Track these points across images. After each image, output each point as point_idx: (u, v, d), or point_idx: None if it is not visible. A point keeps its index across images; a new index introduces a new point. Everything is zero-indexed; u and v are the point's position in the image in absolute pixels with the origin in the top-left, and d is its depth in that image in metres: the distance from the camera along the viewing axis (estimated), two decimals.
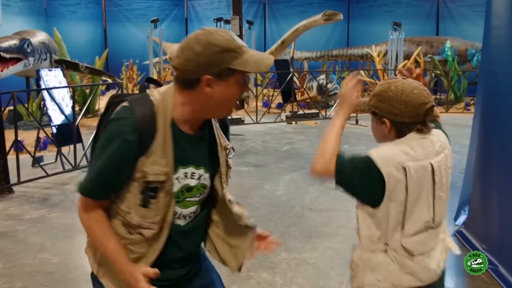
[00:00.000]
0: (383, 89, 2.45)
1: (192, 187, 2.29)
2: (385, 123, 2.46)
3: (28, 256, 5.36)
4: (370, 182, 2.39)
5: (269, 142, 11.32)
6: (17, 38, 12.12)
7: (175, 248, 2.32)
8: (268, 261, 5.14)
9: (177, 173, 2.22)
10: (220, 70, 2.11)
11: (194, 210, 2.35)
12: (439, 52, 17.85)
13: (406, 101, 2.39)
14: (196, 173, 2.28)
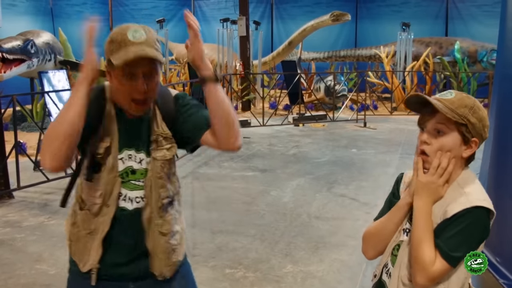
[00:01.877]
0: (477, 105, 2.07)
1: (135, 170, 2.39)
2: (472, 144, 2.08)
3: (25, 266, 5.19)
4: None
5: (275, 146, 11.14)
6: (20, 39, 11.98)
7: (122, 233, 2.40)
8: (273, 274, 4.97)
9: (122, 154, 2.36)
10: (107, 60, 2.27)
11: (141, 195, 2.39)
12: (448, 53, 17.62)
13: (487, 127, 2.11)
14: (137, 156, 2.39)
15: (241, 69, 15.54)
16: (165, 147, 2.41)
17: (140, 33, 2.23)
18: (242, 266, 5.11)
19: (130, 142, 2.38)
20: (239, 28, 15.57)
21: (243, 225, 6.29)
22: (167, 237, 2.46)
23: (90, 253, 2.41)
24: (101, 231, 2.37)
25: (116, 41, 2.23)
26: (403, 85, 16.55)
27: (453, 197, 2.06)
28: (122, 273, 2.44)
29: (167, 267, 2.48)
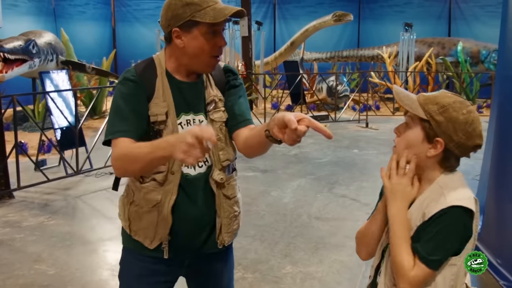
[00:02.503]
0: (454, 107, 2.02)
1: None
2: (437, 144, 2.04)
3: (23, 267, 5.17)
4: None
5: (277, 146, 11.02)
6: (22, 39, 11.97)
7: (188, 200, 2.40)
8: (272, 275, 4.94)
9: (180, 119, 2.40)
10: (184, 23, 2.30)
11: (204, 159, 2.42)
12: (451, 53, 17.61)
13: (469, 133, 2.02)
14: (196, 119, 2.43)
15: (243, 70, 15.52)
16: (221, 109, 2.47)
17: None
18: (241, 267, 5.08)
19: (186, 106, 2.42)
20: (241, 28, 15.55)
21: (243, 225, 6.15)
22: (231, 201, 2.51)
23: (157, 228, 2.41)
24: (169, 200, 2.38)
25: (195, 3, 2.28)
26: (405, 85, 16.52)
27: (432, 198, 2.03)
28: (185, 248, 2.46)
29: (227, 233, 2.52)
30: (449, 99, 2.04)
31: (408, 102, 2.08)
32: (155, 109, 2.35)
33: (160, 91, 2.37)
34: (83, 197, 7.43)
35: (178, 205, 2.39)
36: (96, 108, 14.10)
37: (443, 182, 2.06)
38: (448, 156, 2.05)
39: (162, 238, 2.41)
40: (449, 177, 2.07)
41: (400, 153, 2.09)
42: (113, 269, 5.03)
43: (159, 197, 2.39)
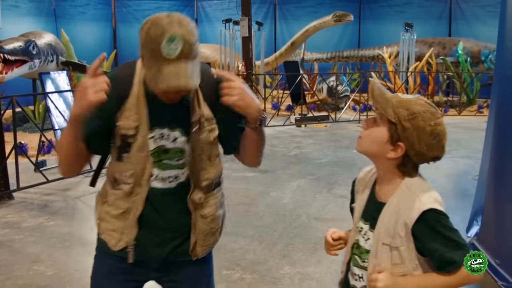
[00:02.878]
0: (423, 117, 2.05)
1: (168, 149, 2.34)
2: (397, 148, 2.07)
3: (22, 268, 5.18)
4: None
5: (277, 146, 11.10)
6: (22, 40, 11.98)
7: (155, 213, 2.38)
8: (270, 276, 4.95)
9: (153, 132, 2.31)
10: (141, 54, 2.17)
11: (174, 175, 2.37)
12: (452, 53, 17.59)
13: (431, 146, 2.06)
14: (170, 135, 2.33)
15: (243, 70, 15.52)
16: (207, 128, 2.37)
17: (176, 42, 2.07)
18: (239, 268, 5.09)
19: (163, 120, 2.32)
20: (241, 29, 15.55)
21: (242, 226, 6.27)
22: (207, 219, 2.46)
23: (123, 231, 2.39)
24: (134, 211, 2.36)
25: (149, 49, 2.09)
26: (406, 85, 16.50)
27: (405, 202, 2.07)
28: (149, 255, 2.43)
29: (202, 247, 2.48)
30: (420, 107, 2.07)
31: (381, 101, 2.10)
32: (125, 122, 2.28)
33: (133, 101, 2.29)
34: (83, 198, 7.43)
35: (145, 217, 2.37)
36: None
37: (410, 183, 2.11)
38: (405, 162, 2.10)
39: (127, 243, 2.40)
40: (414, 180, 2.12)
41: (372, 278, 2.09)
42: None
43: (127, 205, 2.37)
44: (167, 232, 2.41)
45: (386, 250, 2.08)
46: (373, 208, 2.18)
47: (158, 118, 2.31)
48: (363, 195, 2.27)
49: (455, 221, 6.48)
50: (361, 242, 2.22)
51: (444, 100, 17.25)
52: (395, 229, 2.06)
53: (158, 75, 2.06)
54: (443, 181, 8.20)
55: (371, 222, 2.18)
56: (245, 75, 15.43)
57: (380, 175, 2.19)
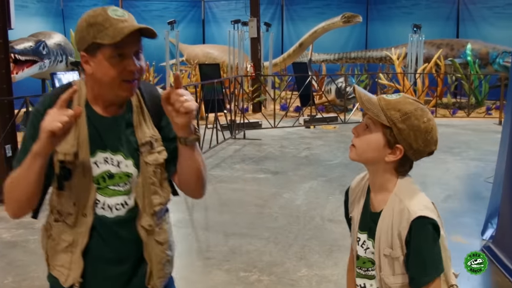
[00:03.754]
0: (416, 115, 2.05)
1: (113, 174, 2.20)
2: (396, 150, 2.08)
3: (38, 269, 5.16)
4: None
5: (287, 148, 11.10)
6: (32, 40, 12.02)
7: (103, 243, 2.22)
8: (288, 278, 4.94)
9: (95, 157, 2.17)
10: (88, 46, 2.07)
11: (121, 201, 2.22)
12: (460, 55, 17.55)
13: (428, 141, 2.07)
14: (114, 159, 2.19)
15: (252, 71, 15.52)
16: (157, 150, 2.24)
17: (121, 11, 2.08)
18: (256, 269, 5.08)
19: (105, 143, 2.19)
20: (250, 29, 15.55)
21: (256, 227, 6.27)
22: (164, 246, 2.32)
23: (71, 267, 2.23)
24: (80, 243, 2.20)
25: (98, 23, 2.04)
26: (414, 87, 16.49)
27: (397, 213, 2.08)
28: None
29: (160, 278, 2.33)
30: (410, 106, 2.07)
31: (370, 107, 2.09)
32: (63, 147, 2.11)
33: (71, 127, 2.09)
34: None
35: (92, 249, 2.21)
36: None
37: (398, 190, 2.11)
38: (404, 161, 2.11)
39: (74, 279, 2.22)
40: (402, 182, 2.13)
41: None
42: None
43: (71, 238, 2.21)
44: (116, 264, 2.26)
45: (388, 261, 2.10)
46: (369, 218, 2.19)
47: (100, 141, 2.19)
48: (360, 204, 2.26)
49: (469, 224, 6.50)
50: (360, 252, 2.23)
51: (452, 102, 17.22)
52: (393, 240, 2.08)
53: (118, 29, 2.02)
54: (455, 183, 8.19)
55: (368, 232, 2.19)
56: (254, 76, 15.44)
57: (372, 182, 2.19)
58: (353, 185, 2.34)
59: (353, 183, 2.35)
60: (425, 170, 8.92)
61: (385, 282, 2.12)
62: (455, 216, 6.51)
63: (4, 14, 7.27)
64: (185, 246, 5.60)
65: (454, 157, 10.03)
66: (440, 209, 2.17)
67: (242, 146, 10.97)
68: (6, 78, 7.25)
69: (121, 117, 2.22)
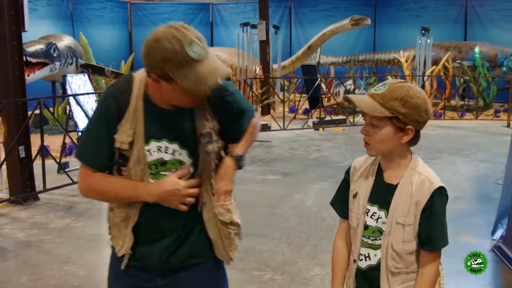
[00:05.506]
0: (410, 95, 2.22)
1: (166, 161, 2.36)
2: (408, 131, 2.26)
3: (53, 268, 5.24)
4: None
5: (296, 150, 11.14)
6: (43, 43, 12.11)
7: (153, 223, 2.40)
8: (300, 277, 4.99)
9: (149, 145, 2.33)
10: (162, 74, 2.15)
11: None
12: (468, 57, 17.55)
13: (428, 110, 2.28)
14: (169, 147, 2.35)
15: (261, 73, 15.57)
16: (215, 139, 2.39)
17: (197, 46, 2.13)
18: (269, 269, 5.13)
19: (160, 133, 2.34)
20: (259, 32, 15.60)
21: (269, 228, 6.31)
22: (231, 224, 2.46)
23: (124, 239, 2.42)
24: (132, 220, 2.39)
25: (176, 60, 2.10)
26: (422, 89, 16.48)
27: (417, 183, 2.28)
28: (151, 264, 2.44)
29: (232, 251, 2.51)
30: (402, 90, 2.24)
31: (372, 109, 2.25)
32: (120, 136, 2.31)
33: (129, 117, 2.32)
34: None
35: (142, 226, 2.40)
36: None
37: (415, 165, 2.32)
38: (416, 135, 2.30)
39: (125, 250, 2.42)
40: (418, 161, 2.35)
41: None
42: None
43: (125, 214, 2.41)
44: (169, 243, 2.41)
45: (400, 228, 2.27)
46: (384, 191, 2.34)
47: (155, 130, 2.34)
48: (368, 181, 2.40)
49: (479, 224, 6.54)
50: (369, 222, 2.38)
51: (460, 104, 17.22)
52: (409, 208, 2.26)
53: (200, 78, 2.11)
54: (465, 184, 8.20)
55: (380, 204, 2.35)
56: (263, 79, 15.49)
57: (389, 163, 2.35)
58: (357, 166, 2.48)
59: (357, 164, 2.49)
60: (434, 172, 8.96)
61: (394, 248, 2.29)
62: (465, 216, 6.53)
63: (19, 17, 7.34)
64: None
65: (463, 159, 10.04)
66: (450, 210, 2.29)
67: (252, 147, 10.87)
68: (20, 80, 7.33)
69: (181, 110, 2.34)
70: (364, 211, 2.38)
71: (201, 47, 2.13)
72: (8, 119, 7.30)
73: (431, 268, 2.27)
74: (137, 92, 2.33)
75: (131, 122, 2.31)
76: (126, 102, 2.32)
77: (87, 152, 2.38)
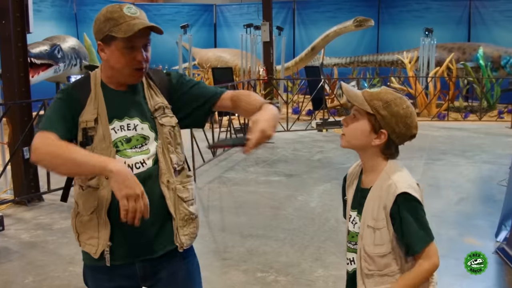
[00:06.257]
0: (396, 103, 2.31)
1: (130, 138, 2.46)
2: (381, 135, 2.32)
3: (58, 268, 5.26)
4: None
5: (300, 151, 11.16)
6: (47, 44, 12.13)
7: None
8: (304, 278, 5.00)
9: (113, 124, 2.45)
10: (104, 37, 2.41)
11: (140, 160, 2.45)
12: (472, 58, 17.53)
13: (408, 125, 2.33)
14: (130, 123, 2.48)
15: (264, 75, 15.57)
16: (168, 114, 2.56)
17: (134, 9, 2.43)
18: (273, 270, 5.14)
19: (121, 111, 2.49)
20: (263, 33, 15.60)
21: (272, 229, 6.33)
22: (187, 203, 2.56)
23: (99, 235, 2.42)
24: (105, 204, 2.39)
25: (113, 18, 2.38)
26: (426, 90, 16.48)
27: (386, 188, 2.30)
28: (129, 250, 2.45)
29: (185, 236, 2.55)
30: (391, 96, 2.32)
31: (356, 99, 2.34)
32: (85, 116, 2.43)
33: (91, 101, 2.46)
34: None
35: (115, 209, 2.31)
36: None
37: (389, 169, 2.36)
38: (389, 145, 2.35)
39: (103, 244, 2.41)
40: (392, 163, 2.38)
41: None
42: None
43: (96, 202, 2.41)
44: (144, 222, 2.32)
45: (370, 232, 2.32)
46: (360, 196, 2.42)
47: (116, 110, 2.48)
48: (353, 186, 2.50)
49: (482, 226, 6.53)
50: (350, 227, 2.47)
51: (464, 106, 17.21)
52: (378, 212, 2.30)
53: (130, 25, 2.36)
54: (468, 186, 8.21)
55: (358, 209, 2.42)
56: (266, 80, 15.50)
57: (365, 165, 2.42)
58: (349, 171, 2.58)
59: (350, 169, 2.59)
60: (438, 173, 8.96)
61: (365, 250, 2.33)
62: (469, 218, 6.53)
63: (23, 18, 7.37)
64: (202, 247, 5.64)
65: (467, 160, 10.04)
66: (454, 212, 2.30)
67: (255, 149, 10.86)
68: (25, 81, 7.35)
69: (134, 89, 2.56)
70: (348, 217, 2.50)
71: (137, 10, 2.45)
72: (13, 120, 7.33)
73: (422, 264, 2.26)
74: (94, 81, 2.52)
75: (93, 104, 2.46)
76: (86, 91, 2.49)
77: (50, 123, 2.39)
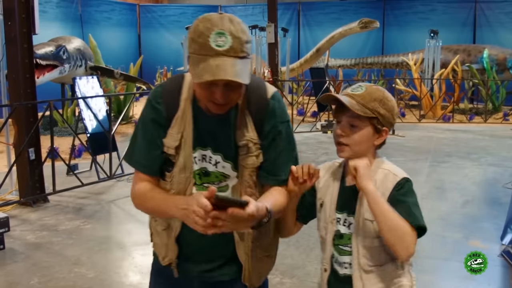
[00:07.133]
0: (386, 97, 2.29)
1: (209, 172, 2.25)
2: (383, 133, 2.31)
3: (63, 269, 5.26)
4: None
5: (305, 153, 11.13)
6: (53, 45, 12.16)
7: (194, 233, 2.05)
8: (309, 281, 5.00)
9: (195, 153, 2.22)
10: (189, 54, 2.06)
11: None
12: (477, 60, 17.50)
13: (396, 112, 2.35)
14: (212, 158, 2.24)
15: (269, 76, 15.58)
16: (255, 154, 2.24)
17: (225, 37, 1.98)
18: (278, 272, 5.13)
19: (206, 141, 2.21)
20: (268, 35, 15.61)
21: None
22: (261, 248, 2.39)
23: (168, 248, 2.35)
24: (175, 229, 2.30)
25: (197, 42, 1.99)
26: (431, 92, 16.46)
27: (381, 178, 2.27)
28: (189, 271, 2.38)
29: (257, 277, 2.41)
30: (379, 92, 2.30)
31: (354, 106, 2.23)
32: (168, 140, 2.21)
33: (178, 121, 2.20)
34: (117, 201, 7.52)
35: (185, 236, 2.29)
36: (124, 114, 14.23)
37: (379, 163, 2.32)
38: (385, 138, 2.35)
39: (170, 259, 2.36)
40: (380, 160, 2.35)
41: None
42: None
43: (166, 223, 2.33)
44: (207, 253, 2.32)
45: (369, 224, 2.24)
46: (348, 195, 2.32)
47: (202, 138, 2.21)
48: (333, 188, 2.40)
49: (488, 229, 6.50)
50: (343, 230, 2.35)
51: (469, 108, 17.19)
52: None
53: (206, 67, 1.95)
54: (473, 189, 8.18)
55: (348, 209, 2.32)
56: (271, 81, 15.50)
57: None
58: (321, 174, 2.42)
59: (322, 172, 2.44)
60: (443, 176, 8.94)
61: (365, 245, 2.26)
62: (474, 221, 6.51)
63: (29, 20, 7.38)
64: None
65: (472, 162, 10.01)
66: (459, 214, 2.29)
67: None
68: (31, 82, 7.35)
69: (225, 117, 2.19)
70: (331, 220, 2.37)
71: (227, 42, 1.98)
72: (18, 121, 7.34)
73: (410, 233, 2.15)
74: (187, 94, 2.21)
75: (179, 125, 2.20)
76: (175, 104, 2.21)
77: (139, 156, 2.28)
